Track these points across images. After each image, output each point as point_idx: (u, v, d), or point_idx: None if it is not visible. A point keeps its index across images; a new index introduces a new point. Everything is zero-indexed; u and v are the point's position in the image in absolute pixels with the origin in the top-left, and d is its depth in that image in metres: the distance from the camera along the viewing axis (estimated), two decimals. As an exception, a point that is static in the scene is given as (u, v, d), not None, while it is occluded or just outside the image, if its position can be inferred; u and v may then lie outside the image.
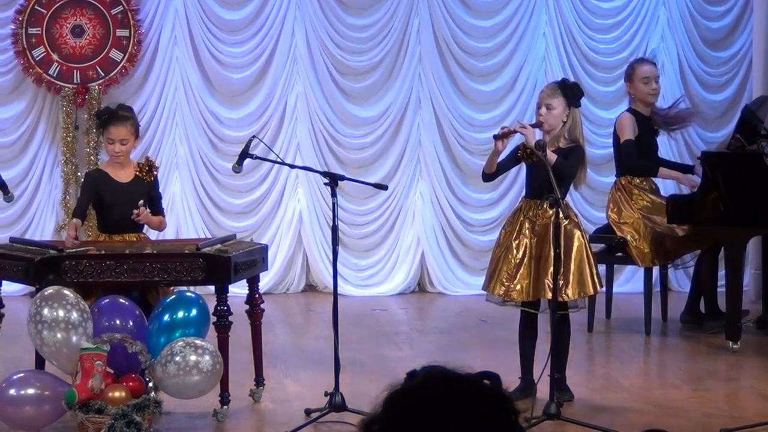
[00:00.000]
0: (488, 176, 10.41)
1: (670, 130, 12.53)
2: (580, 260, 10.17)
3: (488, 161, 10.35)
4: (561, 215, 9.69)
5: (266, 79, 13.69)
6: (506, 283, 10.14)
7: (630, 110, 12.17)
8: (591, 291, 10.44)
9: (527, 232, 10.18)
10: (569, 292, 10.14)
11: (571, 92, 10.21)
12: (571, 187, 10.55)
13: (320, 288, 13.55)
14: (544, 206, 10.01)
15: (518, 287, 10.14)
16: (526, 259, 10.19)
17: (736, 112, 12.99)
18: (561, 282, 10.03)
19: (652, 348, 11.98)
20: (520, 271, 10.14)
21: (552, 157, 9.80)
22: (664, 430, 7.13)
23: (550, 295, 9.97)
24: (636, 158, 11.99)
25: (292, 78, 13.70)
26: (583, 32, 13.96)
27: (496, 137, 10.09)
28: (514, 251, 10.22)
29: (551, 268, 9.95)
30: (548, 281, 10.03)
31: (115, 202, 10.60)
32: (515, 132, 10.04)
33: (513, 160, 10.40)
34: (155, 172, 10.63)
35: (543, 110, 10.19)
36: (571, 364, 10.24)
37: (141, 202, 10.16)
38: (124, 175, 10.51)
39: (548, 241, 10.04)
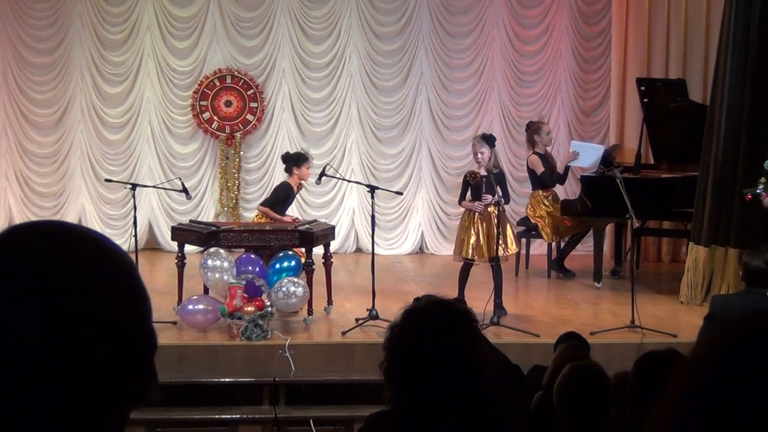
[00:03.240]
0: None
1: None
2: (509, 232, 10.34)
3: (463, 204, 10.53)
4: (501, 209, 9.94)
5: (335, 131, 13.65)
6: (471, 250, 10.27)
7: (536, 153, 12.07)
8: (516, 248, 10.71)
9: (478, 220, 10.29)
10: (510, 250, 10.35)
11: (489, 140, 10.37)
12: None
13: (365, 250, 13.53)
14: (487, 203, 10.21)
15: (479, 250, 10.27)
16: (481, 236, 10.31)
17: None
18: (503, 245, 10.19)
19: (552, 286, 11.96)
20: (480, 243, 10.27)
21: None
22: (577, 333, 7.14)
23: (501, 252, 10.13)
24: (551, 180, 12.05)
25: (350, 130, 13.70)
26: (515, 107, 13.88)
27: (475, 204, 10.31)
28: (472, 232, 10.36)
29: (498, 237, 10.13)
30: (497, 246, 10.19)
31: (290, 199, 10.98)
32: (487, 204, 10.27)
33: (466, 185, 10.49)
34: (301, 189, 11.31)
35: (479, 156, 10.35)
36: (505, 294, 10.25)
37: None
38: (295, 188, 10.94)
39: (491, 223, 10.22)
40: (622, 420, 4.63)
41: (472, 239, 10.47)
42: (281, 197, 11.03)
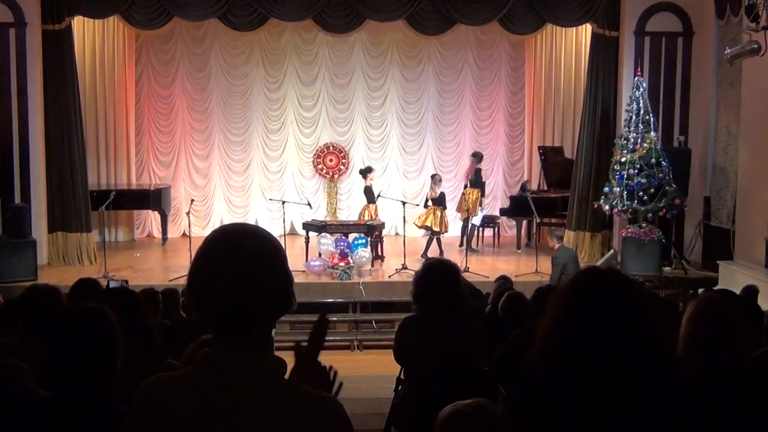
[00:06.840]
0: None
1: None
2: (445, 220, 10.55)
3: (427, 207, 10.49)
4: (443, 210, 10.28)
5: (386, 174, 13.15)
6: (428, 224, 10.38)
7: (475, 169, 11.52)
8: (446, 228, 10.69)
9: (432, 212, 10.37)
10: (444, 228, 10.53)
11: (435, 180, 10.62)
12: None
13: (400, 234, 13.21)
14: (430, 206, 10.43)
15: (432, 225, 10.37)
16: (435, 219, 10.34)
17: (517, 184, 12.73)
18: (446, 224, 10.35)
19: (493, 251, 11.64)
20: (434, 222, 10.32)
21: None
22: (506, 276, 6.90)
23: (439, 228, 10.34)
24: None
25: (393, 173, 13.31)
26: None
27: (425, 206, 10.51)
28: (431, 217, 10.37)
29: (443, 221, 10.22)
30: (441, 223, 10.28)
31: (369, 193, 10.70)
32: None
33: (427, 199, 10.53)
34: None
35: (433, 187, 10.50)
36: (471, 256, 10.02)
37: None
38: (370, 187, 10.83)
39: (441, 214, 10.34)
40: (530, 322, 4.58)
41: (429, 221, 10.41)
42: (365, 193, 10.85)
